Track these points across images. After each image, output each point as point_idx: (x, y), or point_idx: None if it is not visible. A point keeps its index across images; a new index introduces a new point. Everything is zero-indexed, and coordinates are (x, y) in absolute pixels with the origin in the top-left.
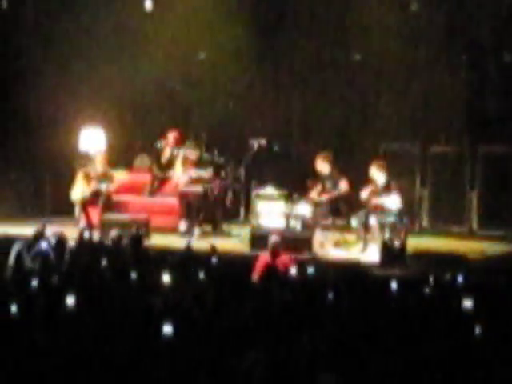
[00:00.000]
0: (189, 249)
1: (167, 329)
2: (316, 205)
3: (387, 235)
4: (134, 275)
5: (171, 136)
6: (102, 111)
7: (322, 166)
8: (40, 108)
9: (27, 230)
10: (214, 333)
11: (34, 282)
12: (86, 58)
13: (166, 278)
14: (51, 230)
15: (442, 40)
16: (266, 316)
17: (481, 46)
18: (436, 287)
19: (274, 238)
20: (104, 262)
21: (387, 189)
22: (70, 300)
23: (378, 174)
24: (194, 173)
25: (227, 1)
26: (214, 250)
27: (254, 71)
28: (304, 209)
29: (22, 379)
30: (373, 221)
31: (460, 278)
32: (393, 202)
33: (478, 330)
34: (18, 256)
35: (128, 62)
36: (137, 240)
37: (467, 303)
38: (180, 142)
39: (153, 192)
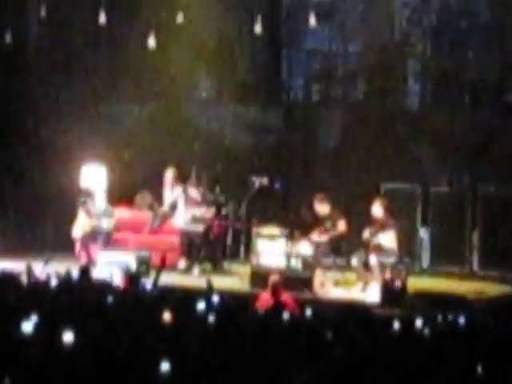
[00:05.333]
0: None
1: (165, 367)
2: (317, 245)
3: (388, 275)
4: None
5: (169, 175)
6: (102, 148)
7: (321, 207)
8: (41, 145)
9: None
10: (213, 370)
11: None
12: (87, 94)
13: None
14: (51, 267)
15: (444, 82)
16: (267, 354)
17: (483, 87)
18: (436, 328)
19: (274, 277)
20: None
21: (383, 226)
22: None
23: (380, 212)
24: (198, 212)
25: (229, 37)
26: (210, 287)
27: (258, 112)
28: (305, 248)
29: None
30: (373, 261)
31: (461, 320)
32: (388, 239)
33: (479, 371)
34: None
35: (131, 100)
36: (134, 278)
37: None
38: (179, 181)
39: (153, 229)
